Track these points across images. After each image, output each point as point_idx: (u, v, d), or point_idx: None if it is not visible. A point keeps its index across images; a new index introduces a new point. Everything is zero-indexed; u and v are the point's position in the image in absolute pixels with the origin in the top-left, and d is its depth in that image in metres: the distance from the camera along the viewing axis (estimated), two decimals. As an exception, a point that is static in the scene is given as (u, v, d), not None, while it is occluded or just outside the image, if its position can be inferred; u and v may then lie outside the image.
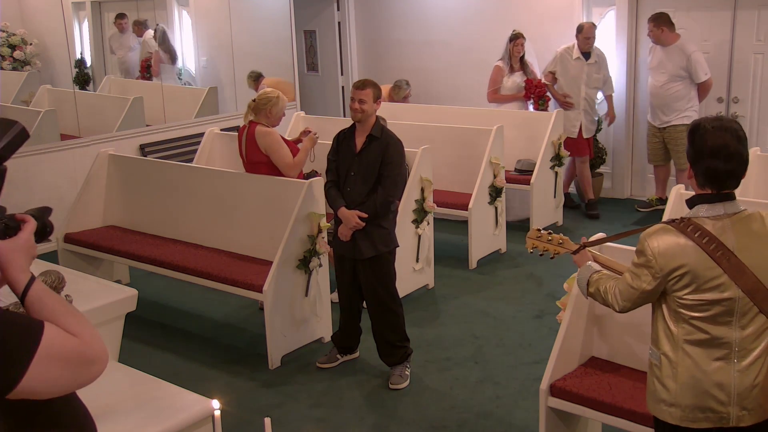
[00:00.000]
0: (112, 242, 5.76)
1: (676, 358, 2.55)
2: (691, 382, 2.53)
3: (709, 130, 2.51)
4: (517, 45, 7.45)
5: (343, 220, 4.46)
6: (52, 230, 1.86)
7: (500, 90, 7.58)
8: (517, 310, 5.60)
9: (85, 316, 1.71)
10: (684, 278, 2.48)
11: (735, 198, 2.55)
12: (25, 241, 1.69)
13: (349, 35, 9.84)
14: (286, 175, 5.21)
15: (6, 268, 1.66)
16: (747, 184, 4.67)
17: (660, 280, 2.51)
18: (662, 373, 2.58)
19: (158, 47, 8.54)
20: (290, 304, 4.89)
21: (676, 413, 2.56)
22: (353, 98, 4.43)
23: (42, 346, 1.55)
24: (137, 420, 3.08)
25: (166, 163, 6.27)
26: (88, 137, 7.34)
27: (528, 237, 3.12)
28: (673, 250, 2.48)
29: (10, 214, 1.71)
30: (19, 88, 8.00)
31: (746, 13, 7.17)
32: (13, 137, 1.69)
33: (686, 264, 2.47)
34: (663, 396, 2.59)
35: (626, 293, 2.62)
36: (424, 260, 5.89)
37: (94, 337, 1.66)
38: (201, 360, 5.03)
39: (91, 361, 1.63)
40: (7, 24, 7.92)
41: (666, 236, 2.51)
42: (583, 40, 7.37)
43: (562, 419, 3.59)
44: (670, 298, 2.54)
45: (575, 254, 2.97)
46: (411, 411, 4.33)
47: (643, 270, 2.54)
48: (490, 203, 6.48)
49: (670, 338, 2.56)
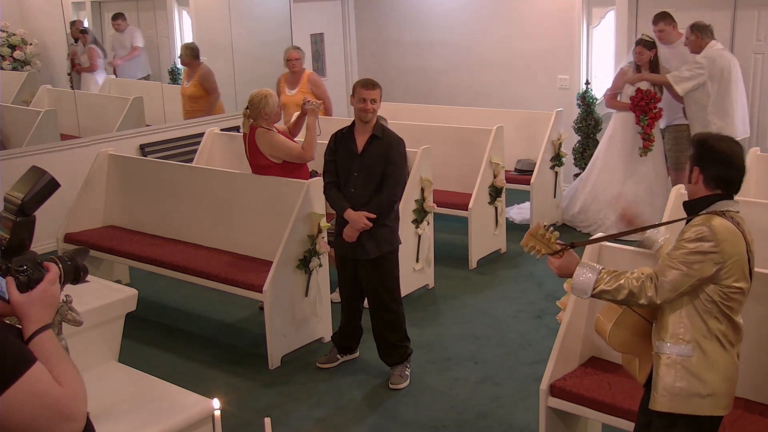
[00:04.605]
0: (112, 242, 5.77)
1: (710, 348, 2.64)
2: (726, 371, 2.65)
3: (717, 137, 2.75)
4: (636, 54, 6.70)
5: (350, 221, 4.40)
6: (87, 273, 1.86)
7: (620, 96, 6.91)
8: (517, 310, 5.59)
9: (81, 375, 1.71)
10: (735, 266, 2.60)
11: None
12: (41, 292, 1.70)
13: (350, 35, 9.85)
14: (304, 160, 5.20)
15: (21, 320, 1.68)
16: (747, 184, 4.68)
17: (720, 266, 2.60)
18: (696, 367, 2.65)
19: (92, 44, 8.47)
20: (290, 304, 4.89)
21: (710, 403, 2.65)
22: (364, 98, 4.35)
23: (25, 378, 1.55)
24: (137, 420, 3.08)
25: (166, 163, 6.27)
26: (88, 137, 7.34)
27: (528, 233, 3.03)
28: (732, 237, 2.61)
29: (37, 260, 1.72)
30: (19, 88, 8.00)
31: (746, 13, 7.17)
32: (39, 189, 1.72)
33: (739, 252, 2.61)
34: (698, 389, 2.64)
35: (679, 282, 2.61)
36: (424, 260, 5.89)
37: (79, 396, 1.66)
38: (201, 360, 5.03)
39: (68, 417, 1.62)
40: (7, 24, 7.92)
41: (727, 223, 2.62)
42: None
43: (562, 419, 3.59)
44: (709, 288, 2.63)
45: (558, 257, 2.77)
46: (411, 411, 4.33)
47: (705, 256, 2.59)
48: (490, 203, 6.48)
49: (704, 330, 2.64)
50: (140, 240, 5.78)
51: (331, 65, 9.81)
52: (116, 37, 8.67)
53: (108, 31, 8.75)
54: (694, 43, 6.57)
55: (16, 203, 1.71)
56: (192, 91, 8.13)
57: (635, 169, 6.89)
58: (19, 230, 1.70)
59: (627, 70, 6.83)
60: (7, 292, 1.66)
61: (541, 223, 2.84)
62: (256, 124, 5.17)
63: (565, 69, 8.32)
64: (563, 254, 2.77)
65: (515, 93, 8.63)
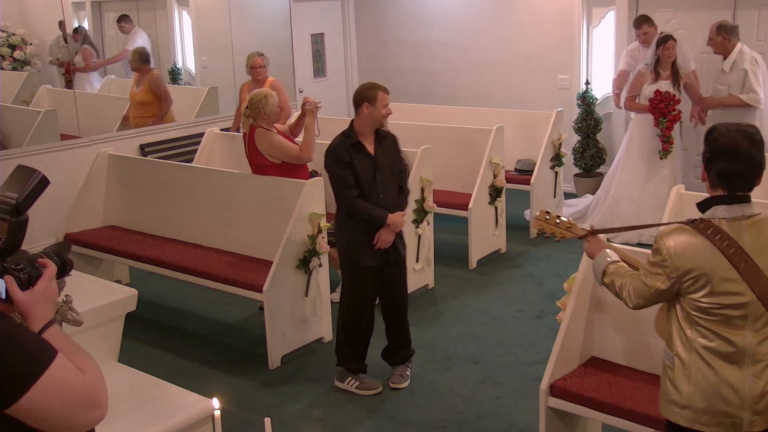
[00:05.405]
0: (112, 242, 5.77)
1: (689, 360, 2.52)
2: (705, 385, 2.50)
3: (723, 132, 2.53)
4: (667, 48, 6.43)
5: (393, 225, 4.29)
6: (72, 266, 1.88)
7: (639, 99, 6.69)
8: (517, 310, 5.59)
9: (95, 361, 1.73)
10: (699, 280, 2.45)
11: (751, 201, 2.54)
12: (43, 289, 1.71)
13: (349, 35, 9.85)
14: (302, 161, 5.17)
15: (26, 319, 1.70)
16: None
17: (674, 281, 2.49)
18: (675, 375, 2.56)
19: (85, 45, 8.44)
20: (290, 304, 4.89)
21: (687, 415, 2.54)
22: (387, 104, 4.30)
23: (51, 369, 1.58)
24: (137, 420, 3.08)
25: (166, 163, 6.27)
26: (88, 137, 7.34)
27: (535, 218, 3.05)
28: (689, 250, 2.46)
29: (31, 258, 1.74)
30: (19, 88, 8.00)
31: (746, 13, 7.17)
32: (33, 187, 1.73)
33: (702, 266, 2.44)
34: (675, 398, 2.56)
35: (640, 290, 2.60)
36: (424, 260, 5.90)
37: (102, 383, 1.68)
38: (201, 360, 5.03)
39: (94, 402, 1.64)
40: (7, 24, 7.92)
41: (683, 236, 2.49)
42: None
43: (562, 419, 3.59)
44: (684, 300, 2.51)
45: (587, 241, 2.92)
46: (411, 411, 4.33)
47: (658, 269, 2.52)
48: (490, 203, 6.48)
49: (684, 340, 2.53)
50: (140, 240, 5.78)
51: (331, 65, 9.81)
52: (121, 39, 8.66)
53: (108, 32, 8.75)
54: (720, 45, 6.38)
55: (11, 203, 1.72)
56: (142, 96, 7.91)
57: (656, 172, 6.72)
58: (15, 230, 1.72)
59: (644, 71, 6.63)
60: (6, 292, 1.67)
61: (543, 210, 3.04)
62: (256, 124, 5.17)
63: (565, 69, 8.32)
64: (590, 239, 2.92)
65: (515, 93, 8.63)
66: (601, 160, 8.01)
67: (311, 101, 5.19)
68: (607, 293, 3.59)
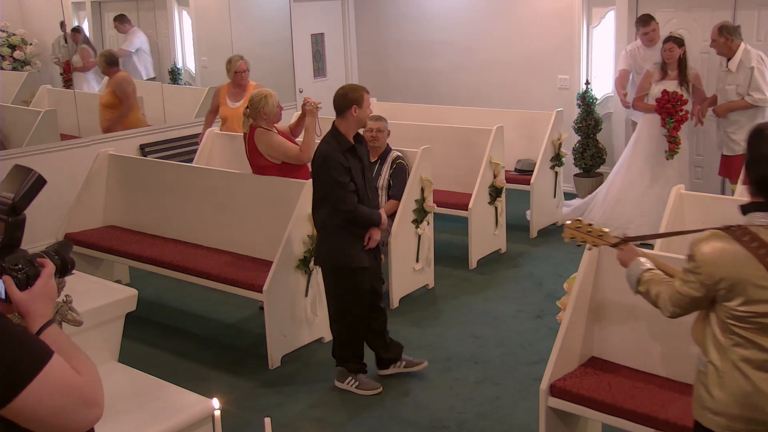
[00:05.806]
0: (112, 242, 5.77)
1: (723, 367, 2.46)
2: (739, 393, 2.44)
3: (766, 136, 2.45)
4: (666, 50, 6.42)
5: (383, 222, 4.41)
6: (74, 266, 1.89)
7: (647, 98, 6.62)
8: (517, 310, 5.60)
9: (92, 361, 1.73)
10: (734, 289, 2.39)
11: None
12: (42, 287, 1.71)
13: (349, 35, 9.85)
14: (302, 162, 5.15)
15: (25, 318, 1.70)
16: None
17: (708, 288, 2.43)
18: (708, 381, 2.51)
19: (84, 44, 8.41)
20: (290, 304, 4.89)
21: (721, 422, 2.49)
22: (369, 104, 4.35)
23: (47, 369, 1.57)
24: (137, 420, 3.08)
25: (166, 163, 6.27)
26: (88, 137, 7.34)
27: (566, 226, 3.02)
28: (723, 258, 2.40)
29: (30, 258, 1.73)
30: (19, 88, 8.00)
31: (746, 13, 7.17)
32: (29, 187, 1.73)
33: (736, 274, 2.38)
34: (708, 404, 2.51)
35: (675, 298, 2.53)
36: (424, 260, 5.90)
37: (98, 383, 1.68)
38: (201, 360, 5.03)
39: (91, 403, 1.64)
40: (7, 24, 7.92)
41: (718, 243, 2.42)
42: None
43: (562, 419, 3.59)
44: (719, 307, 2.45)
45: (620, 249, 2.86)
46: (411, 411, 4.33)
47: (692, 276, 2.46)
48: (490, 203, 6.49)
49: (719, 347, 2.47)
50: (140, 240, 5.79)
51: (331, 65, 9.81)
52: (119, 39, 8.66)
53: (108, 32, 8.75)
54: (723, 46, 6.31)
55: (8, 203, 1.72)
56: (106, 99, 7.59)
57: (662, 173, 6.64)
58: (13, 230, 1.71)
59: (653, 71, 6.57)
60: (5, 292, 1.67)
61: (575, 218, 3.02)
62: (256, 124, 5.17)
63: (565, 69, 8.32)
64: (623, 247, 2.87)
65: (515, 93, 8.63)
66: (601, 160, 8.00)
67: (312, 102, 5.17)
68: (607, 293, 3.60)
